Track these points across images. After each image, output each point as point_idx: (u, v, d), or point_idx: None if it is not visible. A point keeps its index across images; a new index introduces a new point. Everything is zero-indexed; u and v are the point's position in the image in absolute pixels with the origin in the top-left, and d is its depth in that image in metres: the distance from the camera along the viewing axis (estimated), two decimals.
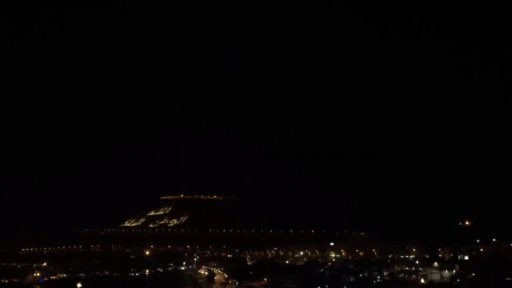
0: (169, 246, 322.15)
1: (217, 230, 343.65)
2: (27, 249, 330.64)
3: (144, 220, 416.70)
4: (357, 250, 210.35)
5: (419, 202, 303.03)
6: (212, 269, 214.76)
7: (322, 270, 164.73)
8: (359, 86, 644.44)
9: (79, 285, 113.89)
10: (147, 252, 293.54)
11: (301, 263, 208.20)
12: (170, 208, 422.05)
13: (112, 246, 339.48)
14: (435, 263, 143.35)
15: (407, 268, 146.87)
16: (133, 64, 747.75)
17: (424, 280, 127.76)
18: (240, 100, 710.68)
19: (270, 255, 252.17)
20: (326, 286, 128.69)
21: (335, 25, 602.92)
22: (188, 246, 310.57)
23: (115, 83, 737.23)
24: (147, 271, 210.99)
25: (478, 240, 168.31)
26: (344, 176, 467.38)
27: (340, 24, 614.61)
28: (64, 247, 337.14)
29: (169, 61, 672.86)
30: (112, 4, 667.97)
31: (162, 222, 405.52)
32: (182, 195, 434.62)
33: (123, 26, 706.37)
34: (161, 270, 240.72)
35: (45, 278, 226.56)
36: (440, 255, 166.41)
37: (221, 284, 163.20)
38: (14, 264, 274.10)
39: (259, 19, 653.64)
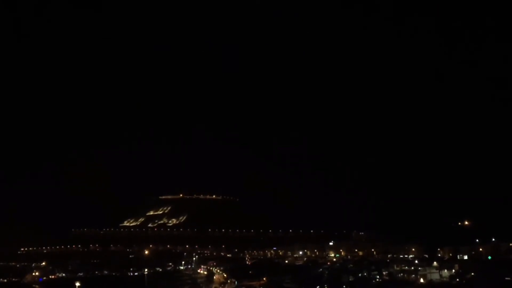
0: (168, 246, 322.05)
1: (216, 230, 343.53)
2: (26, 249, 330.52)
3: (143, 219, 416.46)
4: (356, 250, 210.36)
5: (418, 202, 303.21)
6: (211, 268, 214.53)
7: (321, 269, 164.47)
8: (358, 86, 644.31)
9: (77, 284, 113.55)
10: (146, 252, 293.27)
11: (300, 262, 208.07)
12: (169, 208, 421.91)
13: (111, 245, 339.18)
14: (435, 262, 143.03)
15: (406, 267, 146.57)
16: (132, 64, 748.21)
17: (424, 279, 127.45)
18: (240, 99, 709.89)
19: (269, 255, 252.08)
20: (325, 285, 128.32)
21: (336, 24, 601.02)
22: (187, 246, 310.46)
23: (115, 83, 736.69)
24: (146, 270, 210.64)
25: (477, 240, 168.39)
26: (343, 176, 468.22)
27: (341, 23, 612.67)
28: (63, 247, 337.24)
29: (169, 61, 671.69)
30: (112, 4, 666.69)
31: (161, 221, 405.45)
32: (181, 195, 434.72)
33: (124, 26, 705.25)
34: (160, 270, 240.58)
35: (44, 278, 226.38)
36: (439, 255, 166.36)
37: (220, 283, 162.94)
38: (13, 263, 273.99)
39: (258, 19, 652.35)
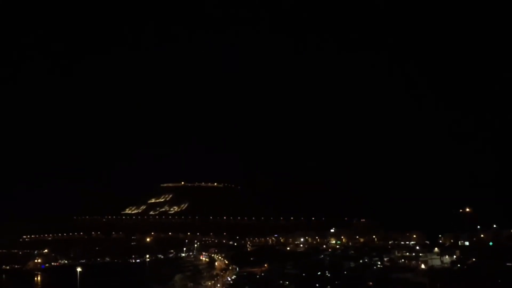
0: (169, 233, 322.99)
1: (218, 218, 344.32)
2: (28, 236, 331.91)
3: (145, 207, 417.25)
4: (357, 237, 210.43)
5: (419, 189, 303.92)
6: (212, 255, 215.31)
7: (322, 256, 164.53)
8: (359, 86, 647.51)
9: (79, 269, 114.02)
10: (148, 239, 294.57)
11: (302, 249, 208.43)
12: (170, 196, 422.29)
13: (113, 233, 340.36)
14: (436, 248, 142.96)
15: (407, 254, 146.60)
16: (134, 63, 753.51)
17: (425, 265, 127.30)
18: (240, 93, 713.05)
19: (270, 242, 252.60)
20: (327, 271, 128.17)
21: (335, 28, 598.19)
22: (188, 233, 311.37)
23: (117, 82, 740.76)
24: (147, 257, 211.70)
25: (478, 227, 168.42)
26: (344, 164, 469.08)
27: (339, 26, 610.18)
28: (65, 235, 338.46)
29: (169, 61, 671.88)
30: (112, 4, 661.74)
31: (163, 209, 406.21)
32: (182, 183, 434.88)
33: (124, 26, 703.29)
34: (162, 257, 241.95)
35: (46, 265, 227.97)
36: (440, 241, 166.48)
37: (222, 270, 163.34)
38: (16, 251, 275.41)
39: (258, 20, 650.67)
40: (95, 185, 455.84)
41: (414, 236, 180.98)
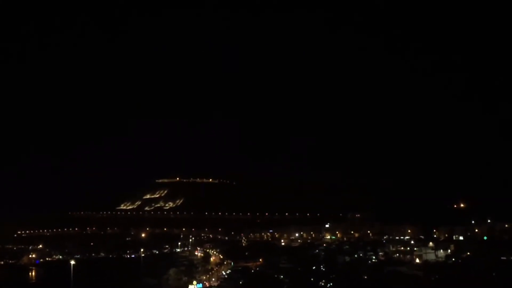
0: (165, 229, 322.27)
1: (213, 213, 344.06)
2: (23, 232, 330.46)
3: (140, 203, 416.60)
4: (352, 232, 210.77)
5: (414, 184, 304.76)
6: (207, 250, 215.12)
7: (317, 251, 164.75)
8: (357, 84, 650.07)
9: (72, 262, 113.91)
10: (143, 235, 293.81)
11: (297, 244, 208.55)
12: (165, 191, 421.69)
13: (108, 228, 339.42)
14: (430, 243, 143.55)
15: (402, 248, 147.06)
16: (134, 63, 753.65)
17: (419, 259, 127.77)
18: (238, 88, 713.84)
19: (265, 237, 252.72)
20: (321, 266, 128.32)
21: (334, 25, 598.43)
22: (184, 229, 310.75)
23: (117, 81, 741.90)
24: (142, 252, 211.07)
25: (473, 221, 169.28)
26: (338, 158, 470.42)
27: (338, 25, 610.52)
28: (60, 230, 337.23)
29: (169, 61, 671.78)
30: (112, 4, 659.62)
31: (158, 205, 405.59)
32: (177, 178, 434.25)
33: (124, 26, 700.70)
34: (157, 252, 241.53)
35: (41, 260, 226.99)
36: (435, 236, 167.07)
37: (216, 264, 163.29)
38: (10, 246, 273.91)
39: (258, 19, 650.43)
40: (91, 181, 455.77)
41: (409, 230, 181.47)
